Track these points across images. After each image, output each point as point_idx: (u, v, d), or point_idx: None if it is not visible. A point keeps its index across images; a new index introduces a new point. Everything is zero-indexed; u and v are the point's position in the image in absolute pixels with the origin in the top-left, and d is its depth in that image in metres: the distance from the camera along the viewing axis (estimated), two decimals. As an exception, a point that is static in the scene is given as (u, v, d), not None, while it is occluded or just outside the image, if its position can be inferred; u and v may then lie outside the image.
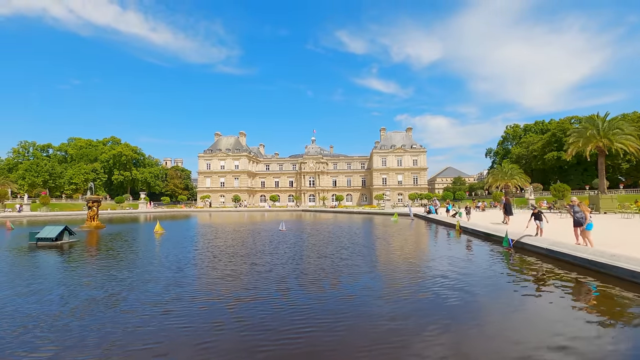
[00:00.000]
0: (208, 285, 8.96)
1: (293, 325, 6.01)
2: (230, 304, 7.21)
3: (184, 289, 8.40)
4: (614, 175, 65.44)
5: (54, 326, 5.97)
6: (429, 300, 7.33)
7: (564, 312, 6.65)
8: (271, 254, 13.54)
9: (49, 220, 38.48)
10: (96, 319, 6.36)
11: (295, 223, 32.12)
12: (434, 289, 8.15)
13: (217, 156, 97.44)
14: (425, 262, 12.16)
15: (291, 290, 8.24)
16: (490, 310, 6.86)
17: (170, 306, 7.05)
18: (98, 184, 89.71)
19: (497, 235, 16.40)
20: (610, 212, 30.93)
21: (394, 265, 11.59)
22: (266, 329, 5.83)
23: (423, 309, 6.77)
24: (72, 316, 6.48)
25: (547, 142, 73.51)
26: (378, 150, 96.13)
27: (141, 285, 8.87)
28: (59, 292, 8.23)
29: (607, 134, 37.50)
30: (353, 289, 8.33)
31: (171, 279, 9.51)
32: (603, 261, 9.33)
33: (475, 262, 11.76)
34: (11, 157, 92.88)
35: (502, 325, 6.05)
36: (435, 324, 5.94)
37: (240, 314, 6.58)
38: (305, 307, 7.01)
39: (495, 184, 58.45)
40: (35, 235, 17.02)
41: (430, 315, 6.37)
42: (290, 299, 7.58)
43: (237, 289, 8.53)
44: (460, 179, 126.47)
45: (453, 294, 7.65)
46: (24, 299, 7.61)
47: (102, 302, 7.36)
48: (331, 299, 7.55)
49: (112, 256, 13.76)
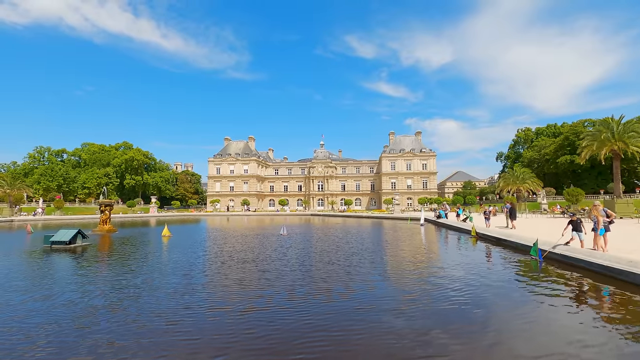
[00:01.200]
0: (215, 294, 8.64)
1: (305, 339, 5.67)
2: (237, 315, 6.88)
3: (191, 298, 8.03)
4: (630, 179, 63.82)
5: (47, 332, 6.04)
6: (454, 312, 6.89)
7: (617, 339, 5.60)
8: (280, 260, 13.43)
9: (63, 223, 39.26)
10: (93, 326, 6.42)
11: (304, 227, 32.04)
12: (464, 308, 7.18)
13: (227, 161, 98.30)
14: (447, 272, 10.94)
15: (302, 300, 7.93)
16: (508, 320, 6.70)
17: (176, 317, 6.77)
18: (110, 188, 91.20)
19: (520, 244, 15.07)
20: (626, 217, 30.19)
21: (407, 273, 11.11)
22: (277, 342, 5.54)
23: (448, 322, 6.34)
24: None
25: (560, 145, 72.19)
26: (387, 154, 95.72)
27: (147, 292, 8.66)
28: (61, 298, 8.26)
29: (622, 137, 36.66)
30: (367, 299, 8.03)
31: (177, 285, 9.34)
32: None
33: (494, 270, 11.38)
34: (27, 162, 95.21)
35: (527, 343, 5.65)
36: (460, 337, 5.62)
37: (249, 326, 6.22)
38: (318, 318, 6.64)
39: (507, 188, 57.57)
40: (49, 238, 17.36)
41: (456, 330, 5.94)
42: (301, 308, 7.26)
43: (245, 297, 8.23)
44: (471, 183, 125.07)
45: (477, 312, 6.90)
46: (25, 305, 7.75)
47: (102, 308, 7.44)
48: (345, 310, 7.17)
49: (120, 261, 13.90)
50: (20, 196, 59.47)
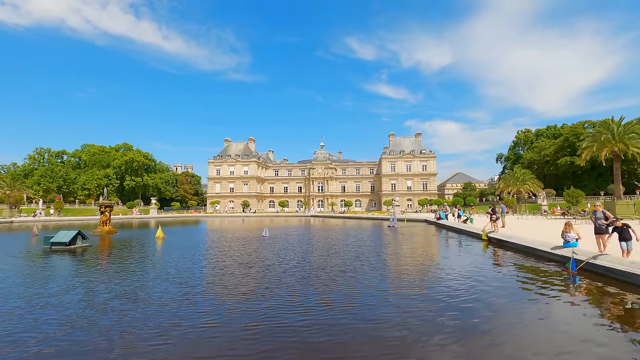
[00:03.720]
0: (213, 301, 8.06)
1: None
2: (237, 326, 6.31)
3: (187, 308, 7.43)
4: (630, 180, 63.81)
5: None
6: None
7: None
8: (280, 263, 13.02)
9: (64, 225, 39.23)
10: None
11: (294, 229, 31.57)
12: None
13: (227, 162, 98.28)
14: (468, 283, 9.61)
15: (306, 310, 7.26)
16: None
17: (170, 321, 6.51)
18: (110, 189, 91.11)
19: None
20: (627, 218, 30.12)
21: (411, 278, 10.73)
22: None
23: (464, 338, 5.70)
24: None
25: (560, 147, 72.20)
26: (387, 155, 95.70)
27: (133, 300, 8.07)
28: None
29: (622, 139, 36.66)
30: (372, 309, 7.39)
31: (173, 292, 8.83)
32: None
33: (505, 278, 10.67)
34: (27, 163, 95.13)
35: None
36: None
37: (251, 340, 5.66)
38: (323, 330, 6.12)
39: (507, 190, 57.52)
40: (49, 239, 17.33)
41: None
42: (303, 320, 6.66)
43: (244, 307, 7.52)
44: (471, 185, 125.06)
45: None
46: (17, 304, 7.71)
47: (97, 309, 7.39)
48: (352, 324, 6.41)
49: (117, 264, 13.85)
50: (20, 197, 59.40)
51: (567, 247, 12.25)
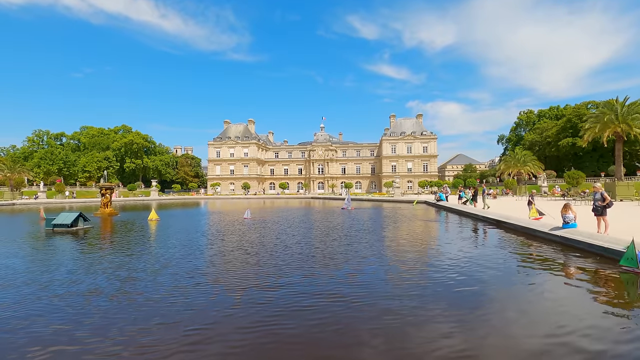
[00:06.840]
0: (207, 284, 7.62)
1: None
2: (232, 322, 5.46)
3: (187, 292, 7.04)
4: (631, 161, 63.59)
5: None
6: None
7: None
8: (284, 250, 12.92)
9: (65, 207, 39.48)
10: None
11: (305, 210, 31.95)
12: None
13: (227, 144, 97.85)
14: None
15: (308, 305, 6.32)
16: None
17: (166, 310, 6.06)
18: (111, 171, 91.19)
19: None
20: (626, 199, 30.24)
21: (410, 259, 10.67)
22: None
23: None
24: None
25: (562, 128, 71.62)
26: (388, 137, 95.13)
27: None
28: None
29: (625, 119, 36.25)
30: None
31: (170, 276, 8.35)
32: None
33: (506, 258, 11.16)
34: (26, 145, 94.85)
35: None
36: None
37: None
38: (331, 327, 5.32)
39: (508, 171, 57.49)
40: (51, 221, 17.47)
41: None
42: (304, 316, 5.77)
43: (244, 300, 6.52)
44: (471, 166, 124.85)
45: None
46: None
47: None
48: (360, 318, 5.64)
49: (115, 247, 14.00)
50: (21, 180, 59.57)
51: (566, 228, 12.31)
